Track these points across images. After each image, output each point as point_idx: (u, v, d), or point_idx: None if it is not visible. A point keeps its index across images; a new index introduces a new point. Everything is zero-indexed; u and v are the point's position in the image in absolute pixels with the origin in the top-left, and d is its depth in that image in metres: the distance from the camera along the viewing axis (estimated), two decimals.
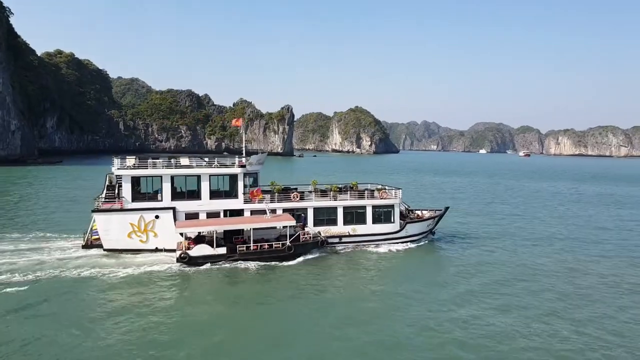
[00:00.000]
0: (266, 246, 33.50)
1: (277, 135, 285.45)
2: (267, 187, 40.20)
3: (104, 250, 34.55)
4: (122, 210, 34.79)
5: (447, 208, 44.56)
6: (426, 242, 41.35)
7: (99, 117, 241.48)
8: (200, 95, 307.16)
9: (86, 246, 35.25)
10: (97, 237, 35.29)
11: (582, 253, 38.91)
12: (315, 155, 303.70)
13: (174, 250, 33.67)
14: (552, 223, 54.29)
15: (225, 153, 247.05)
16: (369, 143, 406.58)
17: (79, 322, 22.03)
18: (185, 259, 31.84)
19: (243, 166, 37.37)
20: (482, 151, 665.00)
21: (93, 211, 34.71)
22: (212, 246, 32.54)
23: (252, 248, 33.13)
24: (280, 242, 33.85)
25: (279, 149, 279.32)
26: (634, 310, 25.39)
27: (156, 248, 34.89)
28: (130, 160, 37.14)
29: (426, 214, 43.31)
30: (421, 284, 29.05)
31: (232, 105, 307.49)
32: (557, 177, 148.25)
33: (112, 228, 34.62)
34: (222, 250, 32.66)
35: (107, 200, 36.16)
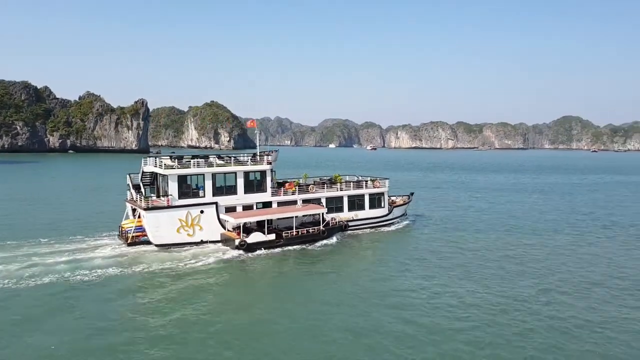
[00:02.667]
0: (305, 231, 39.24)
1: (130, 131, 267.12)
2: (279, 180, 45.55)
3: (155, 245, 36.57)
4: (170, 207, 37.15)
5: (412, 194, 53.30)
6: (406, 222, 49.63)
7: None
8: (38, 87, 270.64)
9: (131, 243, 36.95)
10: (139, 233, 37.23)
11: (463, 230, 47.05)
12: (173, 152, 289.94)
13: (217, 242, 38.05)
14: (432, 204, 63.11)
15: (242, 155, 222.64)
16: (228, 139, 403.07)
17: (178, 311, 24.29)
18: (244, 246, 35.90)
19: (270, 163, 41.77)
20: (332, 145, 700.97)
21: (144, 209, 36.47)
22: (264, 233, 37.15)
23: (293, 234, 38.45)
24: (316, 228, 39.96)
25: (134, 146, 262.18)
26: (564, 274, 32.57)
27: (201, 240, 38.13)
28: (149, 160, 40.54)
29: (398, 199, 50.74)
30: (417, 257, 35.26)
31: (77, 99, 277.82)
32: (412, 168, 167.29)
33: (162, 224, 36.80)
34: (272, 237, 37.51)
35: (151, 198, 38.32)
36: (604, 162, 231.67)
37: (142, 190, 39.53)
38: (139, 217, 38.07)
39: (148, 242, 37.11)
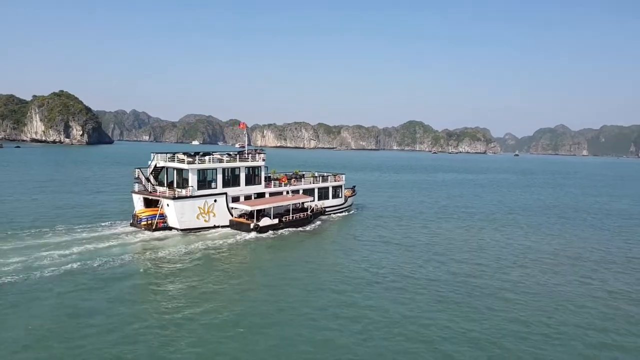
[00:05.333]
0: (298, 216, 48.54)
1: None
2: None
3: (180, 230, 42.52)
4: (192, 197, 43.04)
5: (354, 186, 65.26)
6: (355, 210, 61.59)
7: None
8: None
9: (155, 229, 42.28)
10: (162, 220, 42.96)
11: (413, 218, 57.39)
12: (18, 147, 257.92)
13: (227, 226, 44.95)
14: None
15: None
16: (81, 132, 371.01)
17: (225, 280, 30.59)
18: (257, 228, 43.64)
19: (264, 160, 49.66)
20: (195, 142, 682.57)
21: (172, 199, 41.90)
22: (270, 218, 45.41)
23: (290, 218, 47.34)
24: (305, 213, 49.90)
25: None
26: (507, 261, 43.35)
27: (214, 225, 44.75)
28: (158, 156, 45.52)
29: (347, 191, 60.60)
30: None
31: None
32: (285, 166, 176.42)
33: (185, 212, 42.76)
34: (276, 221, 45.72)
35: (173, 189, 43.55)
36: (447, 163, 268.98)
37: (152, 182, 44.90)
38: (156, 206, 43.62)
39: (169, 228, 43.04)
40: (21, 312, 23.71)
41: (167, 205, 42.58)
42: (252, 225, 43.78)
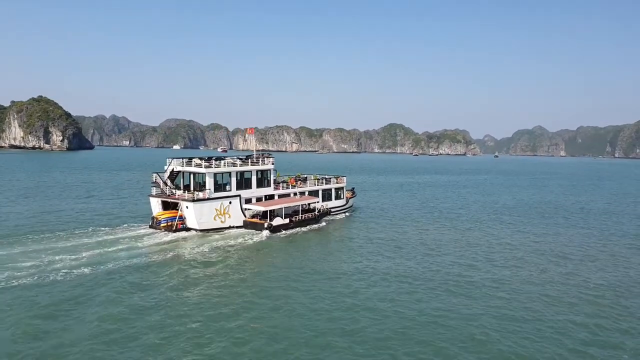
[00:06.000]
0: (306, 216, 51.43)
1: None
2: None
3: (199, 231, 44.70)
4: (209, 199, 45.33)
5: (353, 188, 68.53)
6: (355, 210, 65.20)
7: None
8: None
9: (176, 230, 44.49)
10: (181, 222, 44.99)
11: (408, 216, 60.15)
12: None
13: (240, 227, 47.29)
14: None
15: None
16: (61, 138, 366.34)
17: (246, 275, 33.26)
18: (271, 228, 46.21)
19: (273, 164, 52.48)
20: (176, 147, 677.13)
21: (192, 201, 44.19)
22: (282, 218, 48.39)
23: (299, 218, 50.39)
24: (312, 213, 52.91)
25: None
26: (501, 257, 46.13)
27: (230, 226, 47.08)
28: (174, 161, 47.71)
29: (347, 193, 63.54)
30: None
31: None
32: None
33: (204, 213, 45.04)
34: (287, 221, 48.65)
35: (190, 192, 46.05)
36: (430, 165, 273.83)
37: (170, 186, 47.21)
38: (174, 208, 45.99)
39: (188, 229, 45.23)
40: (83, 309, 25.78)
41: (187, 207, 44.69)
42: (265, 225, 46.37)
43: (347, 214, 62.22)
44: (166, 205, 47.10)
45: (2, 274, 30.43)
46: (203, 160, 47.01)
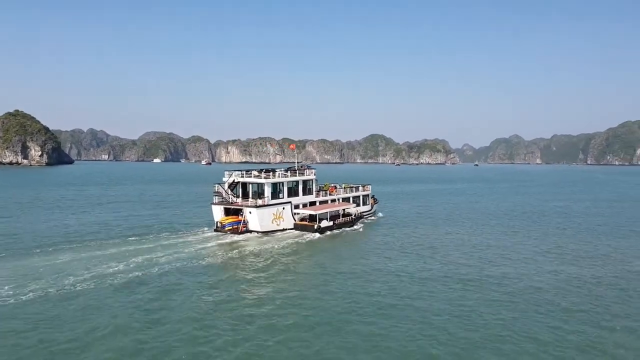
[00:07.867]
0: (345, 220, 58.18)
1: None
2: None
3: (261, 233, 50.99)
4: (268, 205, 52.01)
5: (374, 195, 72.85)
6: (379, 214, 71.37)
7: None
8: None
9: (241, 232, 50.66)
10: (244, 225, 51.21)
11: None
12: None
13: (291, 229, 53.82)
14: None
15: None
16: (40, 153, 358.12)
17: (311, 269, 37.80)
18: (319, 229, 52.59)
19: (315, 174, 60.08)
20: (157, 160, 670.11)
21: (255, 207, 50.79)
22: (327, 220, 55.17)
23: (340, 221, 57.13)
24: (349, 217, 59.56)
25: None
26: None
27: (283, 228, 53.53)
28: (234, 173, 54.70)
29: (371, 200, 68.66)
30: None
31: None
32: None
33: (265, 217, 51.52)
34: (331, 223, 55.24)
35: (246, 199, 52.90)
36: (412, 174, 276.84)
37: (231, 194, 53.35)
38: (235, 214, 52.11)
39: (249, 231, 51.22)
40: (157, 303, 28.50)
41: (250, 212, 51.10)
42: (315, 227, 52.74)
43: (373, 218, 68.39)
44: (227, 212, 52.92)
45: (107, 271, 34.83)
46: (262, 173, 53.95)
